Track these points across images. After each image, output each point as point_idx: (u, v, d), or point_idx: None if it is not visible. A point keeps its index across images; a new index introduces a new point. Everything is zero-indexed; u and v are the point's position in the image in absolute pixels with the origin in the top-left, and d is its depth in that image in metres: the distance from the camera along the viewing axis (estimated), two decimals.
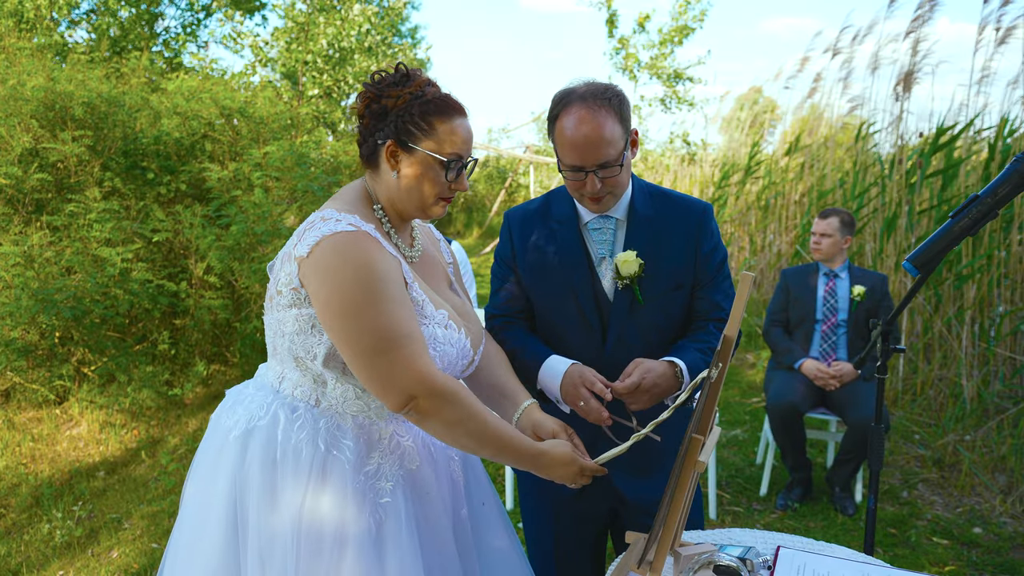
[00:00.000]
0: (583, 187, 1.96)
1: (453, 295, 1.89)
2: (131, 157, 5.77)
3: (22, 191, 5.01)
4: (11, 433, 5.97)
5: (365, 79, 1.75)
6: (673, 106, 14.82)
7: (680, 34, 14.35)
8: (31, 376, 5.71)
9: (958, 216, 1.75)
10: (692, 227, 2.09)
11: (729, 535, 2.02)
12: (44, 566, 4.04)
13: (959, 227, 1.74)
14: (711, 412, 1.71)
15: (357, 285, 1.53)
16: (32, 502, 4.91)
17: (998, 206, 1.69)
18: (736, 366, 7.21)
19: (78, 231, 4.93)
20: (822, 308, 4.36)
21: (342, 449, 1.62)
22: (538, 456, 1.68)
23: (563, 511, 2.19)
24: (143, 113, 6.03)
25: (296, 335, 1.64)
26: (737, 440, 5.23)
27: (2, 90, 5.01)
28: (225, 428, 1.68)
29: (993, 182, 1.72)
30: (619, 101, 1.94)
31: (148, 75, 6.90)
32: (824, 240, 4.39)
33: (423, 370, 1.54)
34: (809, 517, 4.11)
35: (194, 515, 1.67)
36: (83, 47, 7.83)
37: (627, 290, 2.04)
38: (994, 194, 1.69)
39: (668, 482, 1.61)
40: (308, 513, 1.57)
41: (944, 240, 1.76)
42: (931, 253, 1.78)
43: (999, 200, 1.68)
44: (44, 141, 5.11)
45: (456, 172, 1.71)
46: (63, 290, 4.48)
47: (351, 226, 1.59)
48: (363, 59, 9.23)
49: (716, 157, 12.36)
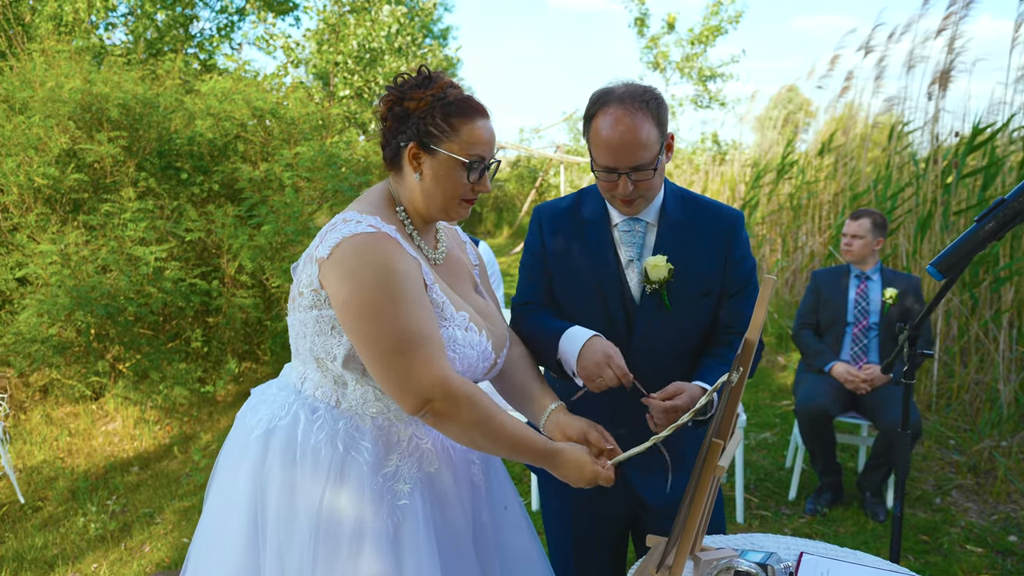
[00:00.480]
0: (615, 188, 1.95)
1: (477, 297, 1.89)
2: (165, 158, 5.87)
3: (59, 191, 5.12)
4: (49, 428, 6.11)
5: (390, 81, 1.76)
6: (705, 104, 14.70)
7: (712, 35, 14.23)
8: (67, 372, 5.83)
9: (983, 220, 1.71)
10: (723, 234, 2.07)
11: (752, 540, 2.00)
12: (79, 558, 4.13)
13: (984, 231, 1.70)
14: (732, 416, 1.70)
15: (376, 286, 1.54)
16: (68, 495, 5.02)
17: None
18: (767, 368, 7.13)
19: (113, 230, 5.02)
20: (853, 311, 4.29)
21: (360, 450, 1.63)
22: (552, 456, 1.68)
23: (582, 511, 2.19)
24: (178, 114, 6.13)
25: (316, 336, 1.65)
26: (767, 443, 5.17)
27: (41, 92, 5.12)
28: (248, 427, 1.70)
29: (1020, 185, 1.68)
30: (657, 104, 1.92)
31: (183, 76, 7.00)
32: (855, 242, 4.32)
33: (440, 373, 1.55)
34: (839, 522, 4.05)
35: (217, 511, 1.70)
36: (120, 49, 7.98)
37: (655, 294, 2.03)
38: (1020, 198, 1.65)
39: (688, 485, 1.60)
40: (326, 513, 1.59)
41: (969, 244, 1.72)
42: (956, 257, 1.74)
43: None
44: (81, 142, 5.22)
45: (479, 173, 1.71)
46: (97, 288, 4.57)
47: (371, 227, 1.60)
48: (392, 60, 9.28)
49: (748, 157, 12.24)
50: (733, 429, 1.80)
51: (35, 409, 6.32)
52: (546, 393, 1.88)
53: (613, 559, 2.25)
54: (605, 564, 2.23)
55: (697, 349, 2.08)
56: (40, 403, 6.47)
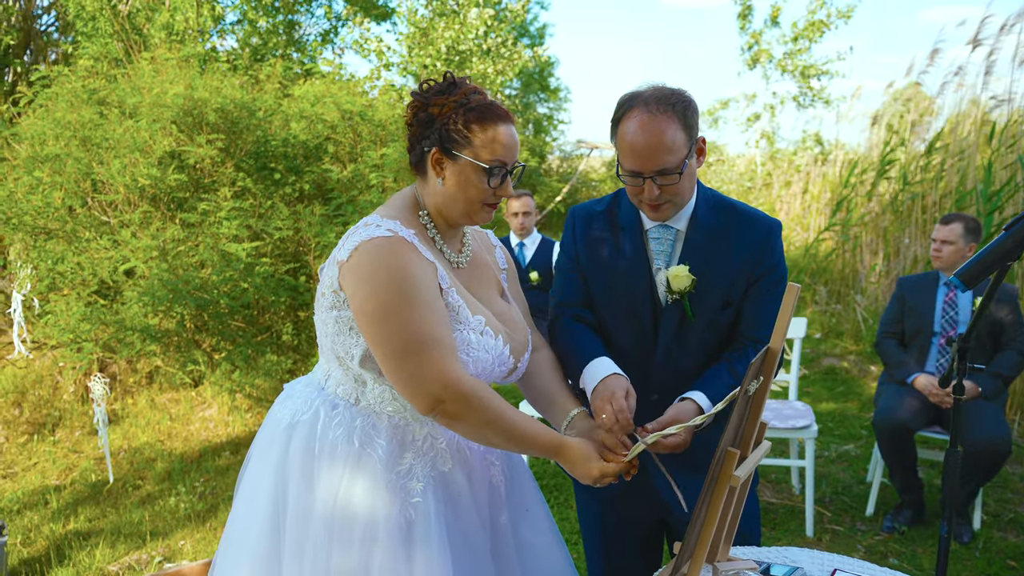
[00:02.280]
0: (641, 193, 1.94)
1: (500, 302, 1.91)
2: (261, 159, 6.17)
3: (162, 190, 5.47)
4: (153, 412, 6.54)
5: (480, 81, 1.80)
6: (807, 103, 14.17)
7: (817, 30, 13.69)
8: (169, 360, 6.22)
9: (1011, 229, 1.61)
10: (754, 244, 2.02)
11: (784, 554, 1.95)
12: (168, 534, 4.41)
13: (1010, 242, 1.60)
14: (755, 426, 1.66)
15: (389, 289, 1.60)
16: (165, 476, 5.36)
17: None
18: (858, 378, 6.84)
19: (209, 228, 5.32)
20: (940, 320, 4.08)
21: (375, 447, 1.69)
22: (559, 449, 1.71)
23: (609, 514, 2.20)
24: (277, 117, 6.43)
25: (336, 336, 1.72)
26: (848, 455, 4.97)
27: (148, 98, 5.48)
28: (276, 420, 1.80)
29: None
30: (684, 107, 1.90)
31: (282, 81, 7.32)
32: (945, 247, 4.10)
33: (450, 374, 1.59)
34: (917, 542, 3.86)
35: (245, 501, 1.80)
36: (226, 56, 8.42)
37: (677, 304, 2.01)
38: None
39: (701, 493, 1.58)
40: (342, 505, 1.65)
41: (993, 256, 1.62)
42: (979, 268, 1.64)
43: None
44: (182, 144, 5.55)
45: (500, 179, 1.74)
46: (191, 281, 4.85)
47: (389, 232, 1.65)
48: (480, 62, 9.41)
49: (854, 156, 11.72)
50: (759, 439, 1.77)
51: (141, 394, 6.77)
52: (569, 399, 1.90)
53: (645, 559, 2.24)
54: (636, 564, 2.22)
55: (718, 358, 2.04)
56: (146, 388, 6.93)
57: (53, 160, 5.26)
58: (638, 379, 2.08)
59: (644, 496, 2.12)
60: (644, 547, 2.24)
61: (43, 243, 5.42)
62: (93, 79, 6.05)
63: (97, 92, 5.76)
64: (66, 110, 5.58)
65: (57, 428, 6.34)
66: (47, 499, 5.05)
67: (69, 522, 4.68)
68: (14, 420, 6.46)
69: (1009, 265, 1.62)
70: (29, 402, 6.55)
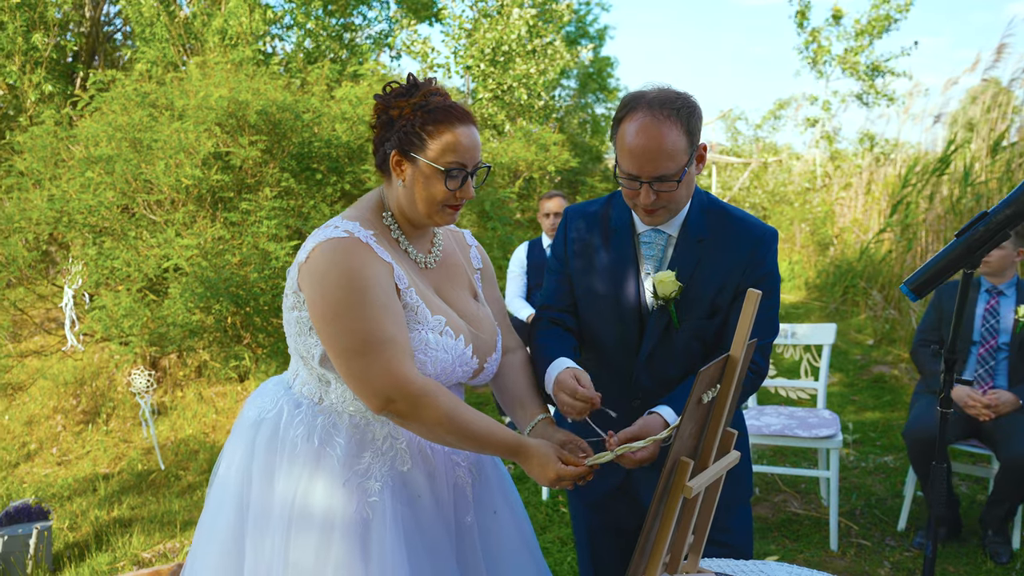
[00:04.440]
0: (637, 197, 1.91)
1: (470, 302, 1.91)
2: (304, 160, 6.31)
3: (206, 190, 5.64)
4: (200, 405, 6.76)
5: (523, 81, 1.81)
6: (869, 101, 13.69)
7: (880, 25, 13.21)
8: (214, 354, 6.41)
9: (964, 235, 1.52)
10: (745, 252, 1.97)
11: (762, 568, 1.90)
12: None
13: (963, 248, 1.51)
14: (715, 436, 1.63)
15: (340, 289, 1.62)
16: (206, 467, 5.53)
17: (1008, 226, 1.44)
18: (907, 387, 6.58)
19: (249, 227, 5.46)
20: (980, 329, 3.90)
21: (334, 446, 1.72)
22: (516, 450, 1.70)
23: (595, 519, 2.19)
24: (324, 118, 6.56)
25: (298, 336, 1.75)
26: (886, 467, 4.80)
27: (195, 100, 5.66)
28: (245, 417, 1.84)
29: (1006, 198, 1.48)
30: (688, 112, 1.86)
31: (329, 83, 7.47)
32: (993, 252, 3.92)
33: (400, 374, 1.60)
34: (950, 560, 3.70)
35: (215, 494, 1.85)
36: (279, 60, 8.63)
37: (664, 310, 1.97)
38: (1003, 212, 1.45)
39: (653, 503, 1.55)
40: (300, 503, 1.68)
41: (944, 262, 1.53)
42: (929, 276, 1.56)
43: (1008, 219, 1.44)
44: (226, 146, 5.72)
45: (460, 181, 1.74)
46: (230, 279, 4.99)
47: (345, 233, 1.68)
48: (522, 63, 9.42)
49: (917, 155, 11.29)
50: (726, 448, 1.73)
51: (190, 387, 7.01)
52: (537, 403, 1.89)
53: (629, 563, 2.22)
54: (623, 570, 2.20)
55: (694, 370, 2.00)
56: (195, 382, 7.16)
57: (105, 161, 5.48)
58: (620, 384, 2.06)
59: (631, 503, 2.10)
60: (631, 554, 2.21)
61: (96, 240, 5.66)
62: (145, 83, 6.28)
63: (149, 96, 5.98)
64: (119, 113, 5.81)
65: (111, 419, 6.61)
66: (96, 487, 5.28)
67: (113, 509, 4.88)
68: (71, 410, 6.76)
69: (970, 273, 1.54)
70: (86, 393, 6.85)
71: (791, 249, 12.58)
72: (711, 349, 2.01)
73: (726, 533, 2.06)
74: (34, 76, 7.89)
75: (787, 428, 3.89)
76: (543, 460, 1.67)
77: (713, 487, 1.71)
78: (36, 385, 7.14)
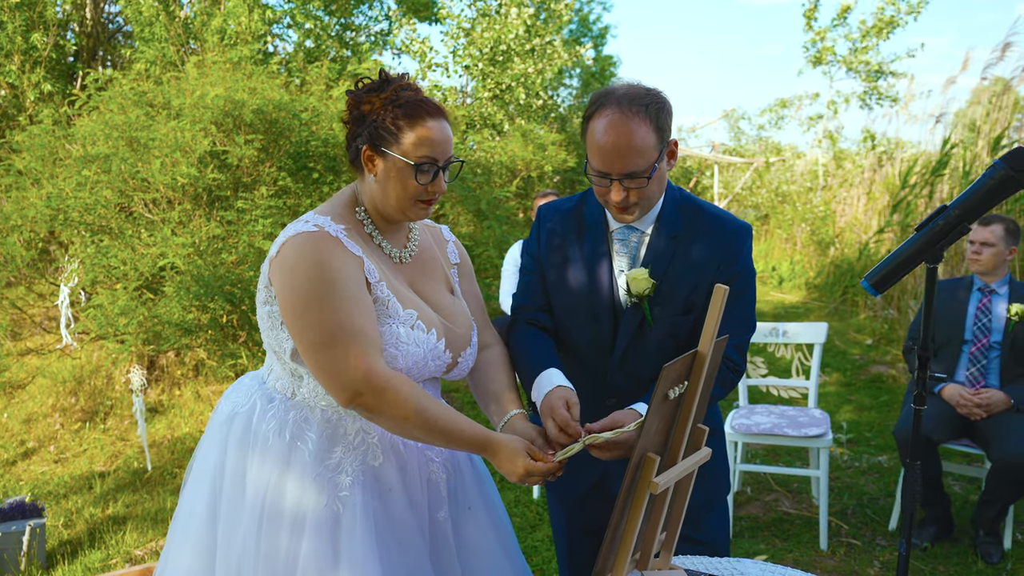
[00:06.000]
0: (608, 194, 1.90)
1: (444, 296, 1.91)
2: (300, 159, 6.32)
3: (202, 189, 5.66)
4: (197, 403, 6.77)
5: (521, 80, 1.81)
6: (873, 102, 13.66)
7: (887, 27, 13.17)
8: (211, 351, 6.43)
9: (923, 229, 1.51)
10: (720, 248, 1.97)
11: (735, 566, 1.90)
12: None
13: (923, 242, 1.50)
14: (684, 432, 1.63)
15: (308, 283, 1.62)
16: None
17: (967, 219, 1.44)
18: (904, 387, 6.56)
19: (245, 226, 5.48)
20: (972, 327, 3.88)
21: (306, 441, 1.72)
22: (484, 445, 1.69)
23: (573, 517, 2.18)
24: (322, 117, 6.57)
25: (270, 331, 1.76)
26: (880, 467, 4.78)
27: (191, 99, 5.68)
28: (219, 411, 1.85)
29: (965, 192, 1.47)
30: (657, 108, 1.85)
31: (328, 83, 7.47)
32: (985, 250, 3.90)
33: (367, 367, 1.60)
34: (940, 560, 3.68)
35: (190, 489, 1.85)
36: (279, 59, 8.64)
37: (638, 307, 1.97)
38: (963, 206, 1.44)
39: (619, 498, 1.55)
40: (272, 497, 1.69)
41: (904, 257, 1.52)
42: (887, 270, 1.55)
43: (967, 212, 1.43)
44: (222, 144, 5.74)
45: (432, 175, 1.74)
46: (224, 278, 5.01)
47: (315, 227, 1.68)
48: (520, 62, 9.41)
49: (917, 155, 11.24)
50: (697, 444, 1.72)
51: (188, 385, 7.02)
52: (510, 399, 1.88)
53: None
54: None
55: None
56: (192, 380, 7.18)
57: (102, 159, 5.50)
58: (594, 382, 2.05)
59: (608, 502, 2.09)
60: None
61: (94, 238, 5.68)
62: (143, 82, 6.30)
63: (146, 95, 6.00)
64: (116, 112, 5.83)
65: (108, 417, 6.63)
66: (92, 484, 5.30)
67: (108, 507, 4.90)
68: (70, 408, 6.78)
69: (933, 268, 1.53)
70: (84, 391, 6.87)
71: (791, 249, 12.56)
72: (685, 347, 2.00)
73: (701, 531, 2.05)
74: (33, 75, 7.91)
75: (777, 427, 3.88)
76: (512, 455, 1.67)
77: (684, 483, 1.71)
78: (35, 383, 7.16)
